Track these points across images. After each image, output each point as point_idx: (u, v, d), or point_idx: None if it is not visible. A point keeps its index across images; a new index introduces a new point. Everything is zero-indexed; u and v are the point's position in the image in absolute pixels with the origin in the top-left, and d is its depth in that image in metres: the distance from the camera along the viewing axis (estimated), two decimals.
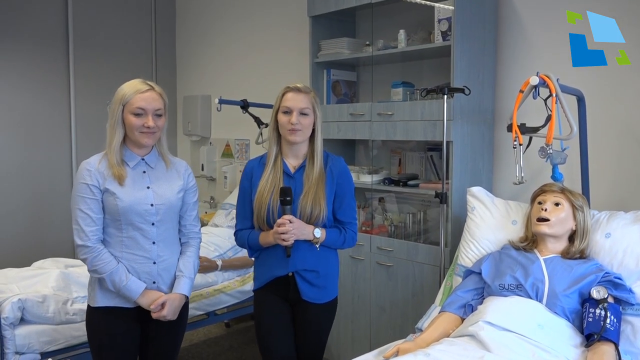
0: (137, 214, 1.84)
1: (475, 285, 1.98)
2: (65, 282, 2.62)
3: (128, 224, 1.84)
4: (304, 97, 1.91)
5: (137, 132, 1.82)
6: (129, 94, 1.81)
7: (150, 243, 1.88)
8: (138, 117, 1.81)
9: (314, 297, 1.96)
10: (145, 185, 1.88)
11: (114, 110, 1.82)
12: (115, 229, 1.85)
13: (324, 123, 3.01)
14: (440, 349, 1.66)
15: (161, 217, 1.89)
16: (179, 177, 1.97)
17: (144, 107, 1.81)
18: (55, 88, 4.28)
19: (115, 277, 1.81)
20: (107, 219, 1.84)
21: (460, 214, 2.47)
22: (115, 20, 4.58)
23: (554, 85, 1.80)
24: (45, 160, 4.26)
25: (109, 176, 1.82)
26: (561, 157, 1.97)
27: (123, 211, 1.82)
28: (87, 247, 1.80)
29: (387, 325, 2.78)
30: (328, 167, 1.98)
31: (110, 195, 1.81)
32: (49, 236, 4.28)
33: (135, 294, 1.84)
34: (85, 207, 1.80)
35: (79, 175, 1.82)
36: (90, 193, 1.80)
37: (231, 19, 4.33)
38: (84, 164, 1.84)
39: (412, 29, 2.83)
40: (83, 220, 1.80)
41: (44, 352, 2.41)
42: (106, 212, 1.83)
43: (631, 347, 1.75)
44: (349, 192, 2.01)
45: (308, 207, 1.90)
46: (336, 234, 1.98)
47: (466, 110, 2.49)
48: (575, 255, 1.88)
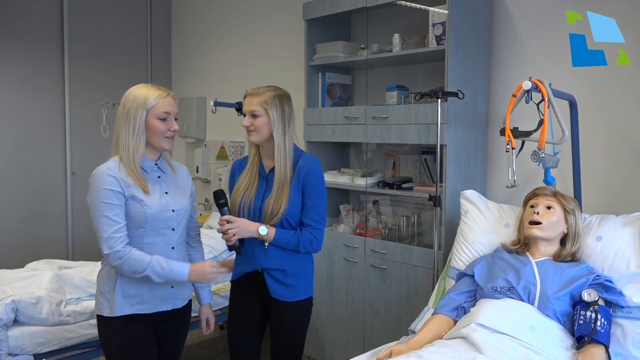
0: (162, 220, 1.82)
1: (468, 288, 1.99)
2: (59, 284, 2.62)
3: (152, 231, 1.82)
4: (255, 98, 1.98)
5: (162, 136, 1.81)
6: (152, 98, 1.79)
7: (170, 248, 1.87)
8: (163, 121, 1.81)
9: (283, 295, 1.99)
10: (164, 190, 1.87)
11: (134, 116, 1.78)
12: (136, 237, 1.80)
13: (319, 126, 3.04)
14: (433, 351, 1.67)
15: (179, 222, 1.89)
16: (186, 181, 1.98)
17: (168, 111, 1.82)
18: (49, 90, 4.28)
19: (157, 268, 1.77)
20: (130, 227, 1.79)
21: (454, 217, 2.49)
22: (111, 22, 4.58)
23: (547, 90, 1.82)
24: (39, 162, 4.25)
25: (131, 183, 1.77)
26: (553, 161, 1.99)
27: (151, 218, 1.79)
28: (119, 252, 1.74)
29: (380, 327, 2.79)
30: (297, 166, 1.99)
31: (137, 202, 1.78)
32: (43, 238, 4.26)
33: (184, 274, 1.81)
34: (112, 214, 1.74)
35: (101, 182, 1.74)
36: (116, 199, 1.75)
37: (227, 21, 4.33)
38: (106, 169, 1.76)
39: (406, 32, 2.84)
40: (111, 227, 1.73)
41: (37, 354, 2.40)
42: (130, 219, 1.78)
43: (621, 349, 1.76)
44: (315, 194, 1.98)
45: (270, 206, 1.95)
46: (288, 235, 1.96)
47: (460, 114, 2.51)
48: (567, 258, 1.90)
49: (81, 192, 4.41)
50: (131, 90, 1.83)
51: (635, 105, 2.27)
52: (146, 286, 1.83)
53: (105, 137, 3.88)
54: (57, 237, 4.36)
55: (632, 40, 1.89)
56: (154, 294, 1.86)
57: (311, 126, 3.08)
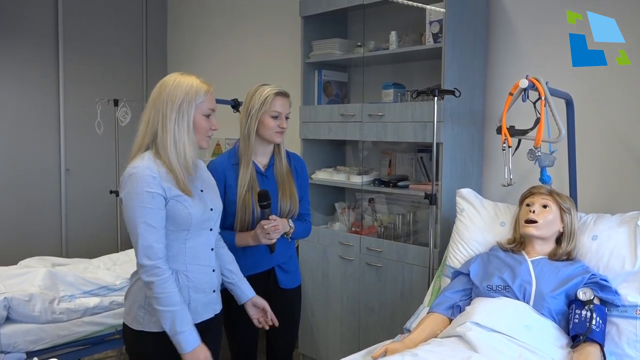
0: (203, 221, 1.68)
1: (464, 287, 1.99)
2: (52, 281, 2.60)
3: (195, 233, 1.67)
4: (288, 101, 2.05)
5: (205, 134, 1.66)
6: (201, 93, 1.64)
7: (209, 250, 1.74)
8: (208, 119, 1.66)
9: (288, 283, 2.13)
10: (199, 189, 1.72)
11: (187, 110, 1.61)
12: (178, 241, 1.64)
13: (315, 123, 3.03)
14: (428, 350, 1.67)
15: (216, 222, 1.77)
16: (209, 175, 1.85)
17: (214, 108, 1.68)
18: (44, 86, 4.25)
19: (178, 318, 1.56)
20: (171, 231, 1.62)
21: (450, 216, 2.48)
22: (106, 18, 4.55)
23: (543, 89, 1.81)
24: (34, 158, 4.23)
25: (173, 183, 1.60)
26: (549, 159, 1.99)
27: (196, 219, 1.64)
28: (158, 269, 1.55)
29: (375, 325, 2.78)
30: (292, 164, 2.14)
31: (180, 204, 1.61)
32: (37, 235, 4.24)
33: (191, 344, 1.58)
34: (153, 220, 1.55)
35: (140, 183, 1.55)
36: (156, 203, 1.56)
37: (223, 18, 4.32)
38: (144, 169, 1.56)
39: (403, 30, 2.84)
40: (152, 235, 1.54)
41: (30, 352, 2.38)
42: (173, 222, 1.61)
43: (616, 348, 1.76)
44: (307, 187, 2.21)
45: (286, 204, 2.06)
46: (301, 225, 2.15)
47: (456, 112, 2.50)
48: (562, 257, 1.90)
49: (75, 189, 4.41)
50: (177, 81, 1.64)
51: (632, 105, 2.28)
52: (192, 294, 1.67)
53: (99, 133, 3.86)
54: (50, 234, 4.34)
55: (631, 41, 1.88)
56: (199, 302, 1.70)
57: (307, 124, 3.07)
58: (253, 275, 2.01)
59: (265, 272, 2.07)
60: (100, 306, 2.61)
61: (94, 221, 4.48)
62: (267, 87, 2.02)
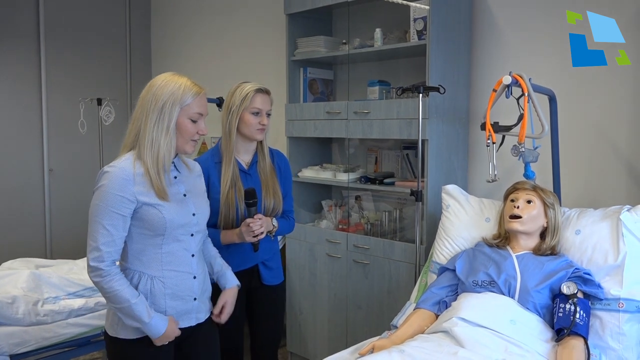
0: (181, 226, 1.63)
1: (450, 282, 2.00)
2: (35, 283, 2.57)
3: (170, 238, 1.62)
4: (269, 98, 2.05)
5: (189, 139, 1.62)
6: (189, 95, 1.59)
7: (190, 256, 1.68)
8: (194, 123, 1.62)
9: (272, 279, 2.15)
10: (181, 192, 1.67)
11: (169, 112, 1.57)
12: (153, 246, 1.61)
13: (301, 121, 3.03)
14: (415, 346, 1.67)
15: (199, 227, 1.71)
16: (201, 180, 1.81)
17: (202, 112, 1.63)
18: (25, 85, 4.19)
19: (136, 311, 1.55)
20: (146, 235, 1.60)
21: (436, 212, 2.49)
22: (89, 16, 4.49)
23: (526, 85, 1.82)
24: (16, 159, 4.16)
25: (149, 186, 1.57)
26: (533, 155, 2.00)
27: (170, 224, 1.60)
28: (101, 270, 1.54)
29: (363, 322, 2.79)
30: (275, 162, 2.15)
31: (153, 208, 1.57)
32: (20, 236, 4.18)
33: (159, 331, 1.58)
34: (109, 224, 1.53)
35: (111, 184, 1.53)
36: (121, 208, 1.54)
37: (207, 16, 4.28)
38: (118, 170, 1.54)
39: (388, 27, 2.84)
40: (103, 238, 1.53)
41: (14, 354, 2.36)
42: (147, 227, 1.58)
43: (600, 341, 1.78)
44: (290, 184, 2.22)
45: (270, 202, 2.07)
46: (285, 222, 2.16)
47: (441, 109, 2.51)
48: (547, 252, 1.92)
49: (59, 189, 4.35)
50: (166, 80, 1.60)
51: (614, 101, 2.30)
52: (169, 301, 1.63)
53: (83, 133, 3.82)
54: (34, 235, 4.28)
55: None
56: (176, 309, 1.66)
57: (293, 122, 3.06)
58: (237, 272, 1.99)
59: (249, 269, 2.09)
60: (85, 307, 2.59)
61: (78, 222, 4.42)
62: (247, 84, 2.02)
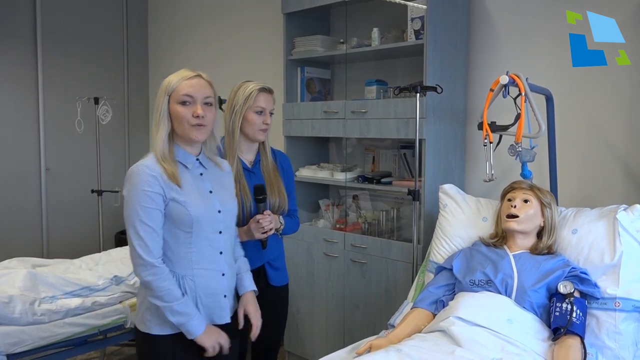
0: (208, 223, 1.64)
1: (447, 282, 2.00)
2: (32, 282, 2.56)
3: (199, 235, 1.63)
4: (272, 97, 2.05)
5: (187, 124, 1.60)
6: (175, 81, 1.62)
7: (218, 253, 1.68)
8: (185, 106, 1.60)
9: (278, 280, 2.13)
10: (207, 189, 1.68)
11: (158, 103, 1.62)
12: (183, 244, 1.62)
13: (299, 120, 3.03)
14: (412, 345, 1.68)
15: (227, 225, 1.71)
16: (230, 178, 1.81)
17: (191, 93, 1.61)
18: (22, 83, 4.17)
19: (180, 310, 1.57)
20: (175, 233, 1.60)
21: (433, 211, 2.50)
22: (86, 14, 4.47)
23: (523, 85, 1.83)
24: (13, 157, 4.15)
25: (169, 182, 1.59)
26: (530, 154, 2.01)
27: (197, 220, 1.60)
28: (155, 267, 1.55)
29: (360, 321, 2.79)
30: (278, 161, 2.14)
31: (179, 204, 1.59)
32: (17, 235, 4.16)
33: (199, 329, 1.60)
34: (149, 219, 1.55)
35: (138, 181, 1.55)
36: (154, 202, 1.55)
37: (204, 15, 4.28)
38: (144, 167, 1.57)
39: (385, 27, 2.84)
40: (148, 234, 1.54)
41: (10, 354, 2.35)
42: (174, 224, 1.60)
43: (596, 340, 1.79)
44: (293, 183, 2.21)
45: (276, 200, 2.06)
46: (290, 221, 2.15)
47: (438, 108, 2.52)
48: (543, 251, 1.92)
49: (56, 188, 4.34)
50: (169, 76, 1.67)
51: (611, 100, 2.31)
52: (201, 300, 1.65)
53: (80, 132, 3.81)
54: (31, 234, 4.27)
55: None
56: (209, 307, 1.67)
57: (290, 121, 3.06)
58: None
59: (255, 270, 2.04)
60: (82, 307, 2.58)
61: (76, 221, 4.42)
62: (251, 83, 2.02)
